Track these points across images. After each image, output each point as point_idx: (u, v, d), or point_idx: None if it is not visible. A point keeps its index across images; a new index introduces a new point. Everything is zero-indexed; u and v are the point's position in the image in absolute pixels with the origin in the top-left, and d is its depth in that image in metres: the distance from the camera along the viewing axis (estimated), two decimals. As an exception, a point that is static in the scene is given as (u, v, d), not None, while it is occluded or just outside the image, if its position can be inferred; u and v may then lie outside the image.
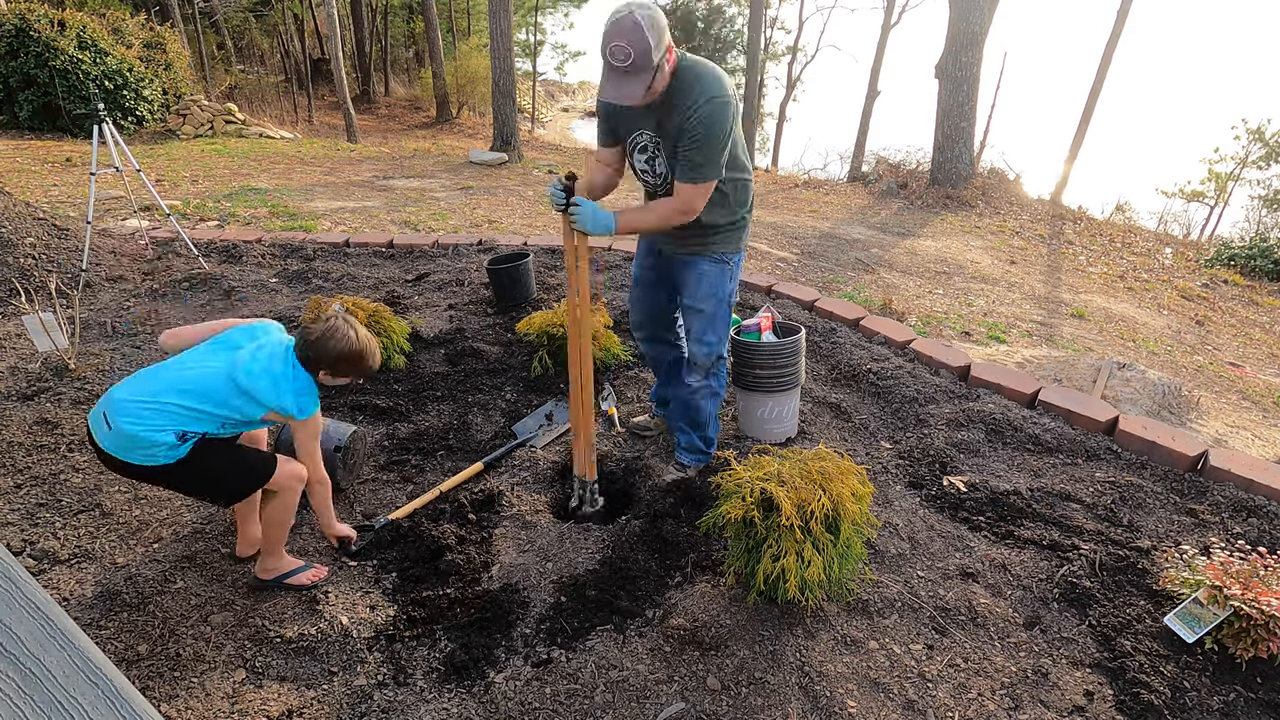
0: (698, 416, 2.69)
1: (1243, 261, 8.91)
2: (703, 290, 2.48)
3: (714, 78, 2.11)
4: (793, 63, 23.81)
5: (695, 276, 2.48)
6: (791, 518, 1.86)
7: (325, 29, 20.45)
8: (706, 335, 2.54)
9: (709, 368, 2.60)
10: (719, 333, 2.56)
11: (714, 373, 2.63)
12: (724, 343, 2.61)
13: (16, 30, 10.01)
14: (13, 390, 3.17)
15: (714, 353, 2.57)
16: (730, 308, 2.59)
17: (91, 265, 4.53)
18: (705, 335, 2.54)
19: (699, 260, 2.46)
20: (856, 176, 14.97)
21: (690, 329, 2.60)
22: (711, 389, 2.65)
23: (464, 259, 5.28)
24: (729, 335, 2.67)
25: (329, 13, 15.02)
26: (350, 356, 1.96)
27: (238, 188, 7.75)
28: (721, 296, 2.50)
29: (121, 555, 2.22)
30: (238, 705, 1.73)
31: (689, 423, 2.72)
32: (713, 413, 2.72)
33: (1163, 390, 3.55)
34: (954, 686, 1.85)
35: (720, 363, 2.63)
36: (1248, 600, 1.82)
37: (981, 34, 10.14)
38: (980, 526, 2.47)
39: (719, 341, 2.57)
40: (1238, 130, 17.21)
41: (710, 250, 2.44)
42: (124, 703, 0.89)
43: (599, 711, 1.75)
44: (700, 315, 2.51)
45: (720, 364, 2.64)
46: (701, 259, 2.46)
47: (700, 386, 2.63)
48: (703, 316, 2.51)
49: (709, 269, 2.46)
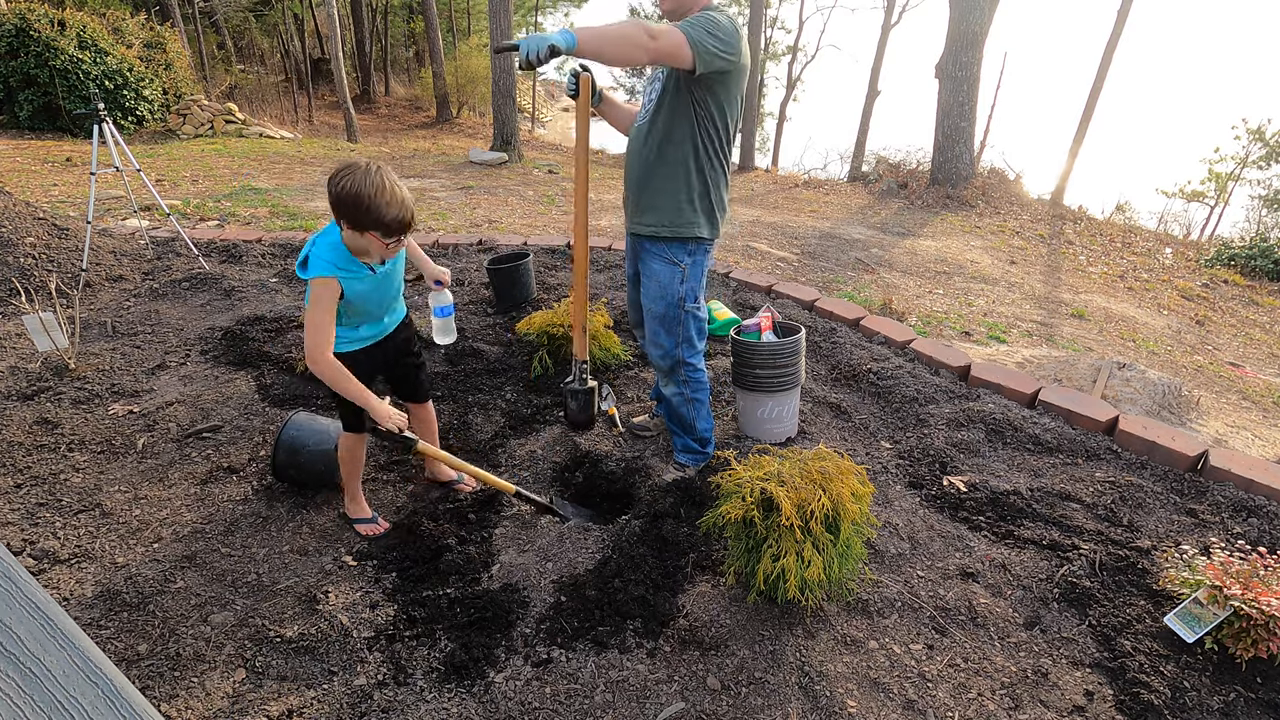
0: (682, 421, 2.68)
1: (1243, 261, 8.90)
2: (652, 290, 2.46)
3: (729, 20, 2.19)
4: (793, 63, 23.82)
5: (648, 274, 2.47)
6: (791, 518, 1.86)
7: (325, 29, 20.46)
8: (658, 338, 2.51)
9: (669, 373, 2.56)
10: (673, 336, 2.49)
11: (681, 379, 2.58)
12: (682, 348, 2.52)
13: (17, 30, 10.01)
14: (13, 390, 3.17)
15: (669, 357, 2.52)
16: (690, 316, 2.49)
17: (91, 265, 4.53)
18: (657, 338, 2.52)
19: (651, 254, 2.44)
20: (856, 176, 14.96)
21: (645, 330, 2.57)
22: (685, 395, 2.60)
23: (464, 259, 5.28)
24: (693, 340, 2.54)
25: (329, 12, 15.01)
26: (350, 199, 1.78)
27: (238, 187, 7.75)
28: (671, 299, 2.44)
29: (121, 555, 2.22)
30: (238, 705, 1.73)
31: (676, 425, 2.73)
32: (696, 415, 2.66)
33: (1163, 390, 3.55)
34: (954, 686, 1.85)
35: (684, 368, 2.56)
36: (1248, 600, 1.82)
37: (981, 34, 10.14)
38: (980, 526, 2.47)
39: (674, 346, 2.51)
40: (1238, 130, 17.22)
41: (662, 231, 2.38)
42: (124, 702, 0.89)
43: (599, 711, 1.75)
44: (650, 315, 2.49)
45: (684, 369, 2.56)
46: (654, 256, 2.43)
47: (674, 393, 2.61)
48: (652, 317, 2.49)
49: (660, 269, 2.44)
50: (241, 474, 2.65)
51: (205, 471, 2.65)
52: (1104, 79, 12.70)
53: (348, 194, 1.78)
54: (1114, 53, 12.54)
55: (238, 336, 3.77)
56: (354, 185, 1.78)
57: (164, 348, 3.69)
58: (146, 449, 2.80)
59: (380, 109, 22.21)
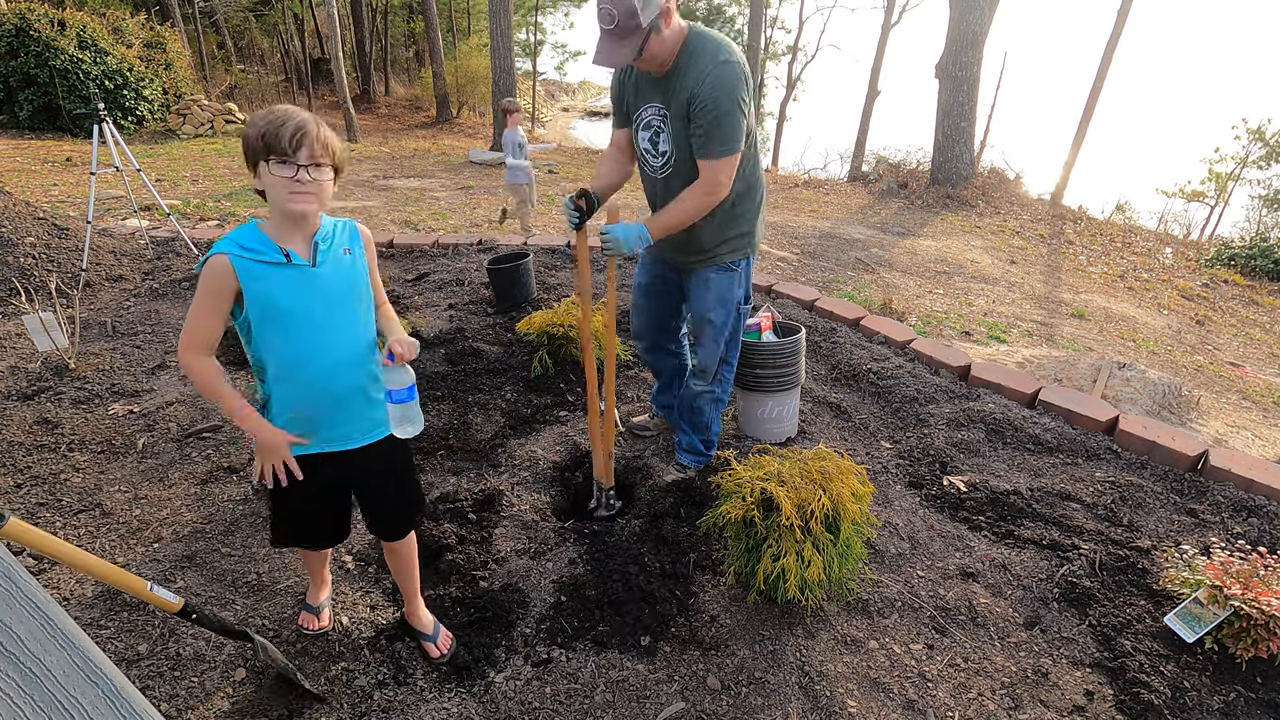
0: (699, 419, 2.67)
1: (1243, 261, 8.91)
2: (710, 300, 2.44)
3: (723, 42, 2.06)
4: (793, 62, 23.81)
5: (702, 285, 2.45)
6: (791, 517, 1.86)
7: (325, 28, 20.46)
8: (712, 343, 2.51)
9: (711, 373, 2.58)
10: (726, 340, 2.51)
11: (719, 379, 2.60)
12: (730, 348, 2.56)
13: (17, 30, 10.02)
14: (13, 390, 3.17)
15: (719, 359, 2.54)
16: (741, 315, 2.52)
17: (91, 265, 4.53)
18: (711, 343, 2.51)
19: (706, 269, 2.43)
20: (857, 176, 14.97)
21: (697, 337, 2.56)
22: (715, 395, 2.63)
23: (464, 259, 5.28)
24: (739, 339, 2.61)
25: (329, 12, 15.00)
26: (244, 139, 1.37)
27: (238, 187, 7.75)
28: (730, 304, 2.45)
29: (121, 555, 2.22)
30: (238, 705, 1.73)
31: (690, 424, 2.71)
32: (715, 417, 2.69)
33: (1163, 390, 3.55)
34: (954, 686, 1.85)
35: (724, 367, 2.60)
36: (1248, 600, 1.82)
37: (981, 34, 10.14)
38: (980, 526, 2.47)
39: (726, 349, 2.54)
40: (1238, 130, 17.21)
41: (717, 259, 2.40)
42: (124, 702, 0.89)
43: (599, 711, 1.75)
44: (708, 324, 2.48)
45: (724, 368, 2.60)
46: (708, 268, 2.43)
47: (703, 391, 2.61)
48: (710, 326, 2.48)
49: (716, 276, 2.42)
50: (241, 474, 2.65)
51: (205, 471, 2.65)
52: (1104, 79, 12.70)
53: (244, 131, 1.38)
54: (1114, 53, 12.54)
55: (238, 336, 3.76)
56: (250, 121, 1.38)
57: (164, 348, 3.69)
58: (146, 449, 2.80)
59: (380, 109, 22.22)
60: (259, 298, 1.41)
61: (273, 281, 1.41)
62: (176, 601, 1.47)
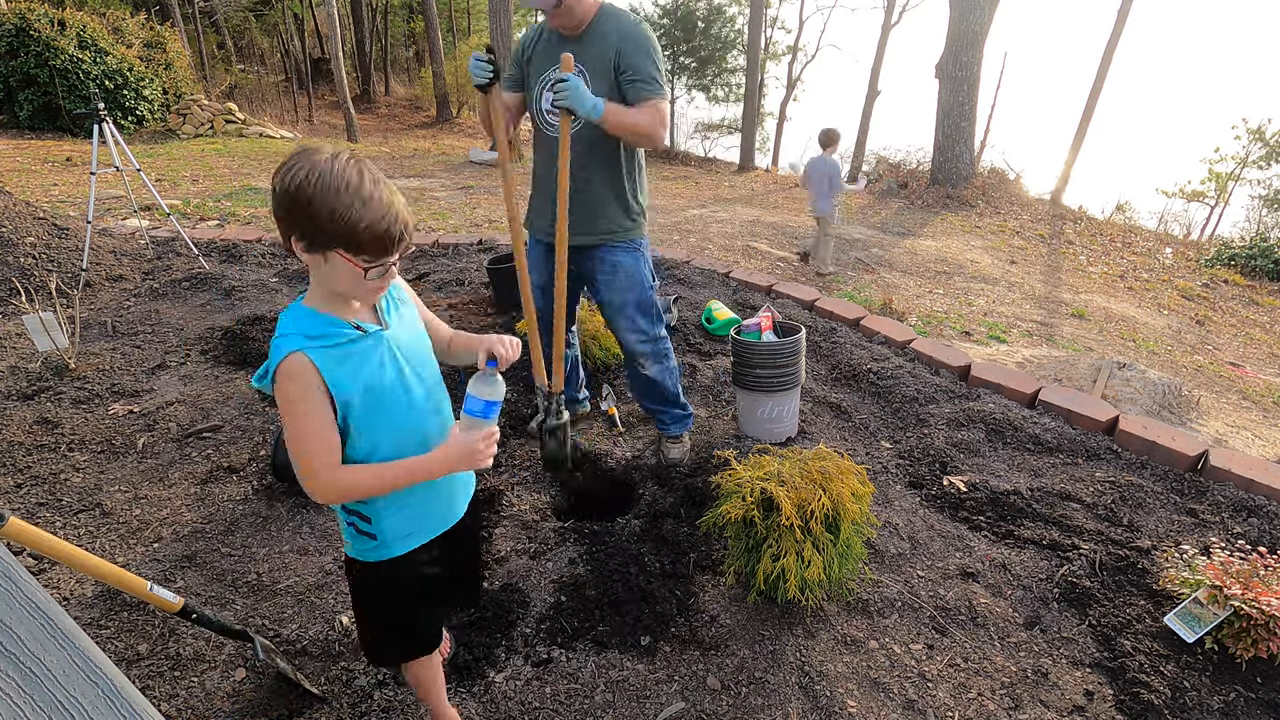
0: (665, 396, 2.73)
1: (1243, 261, 8.91)
2: (621, 282, 2.47)
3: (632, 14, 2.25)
4: (793, 62, 23.82)
5: (610, 270, 2.46)
6: (791, 517, 1.86)
7: (325, 28, 20.46)
8: (637, 324, 2.54)
9: (652, 354, 2.61)
10: (648, 316, 2.55)
11: (661, 354, 2.65)
12: (657, 325, 2.59)
13: (16, 30, 10.01)
14: (13, 390, 3.17)
15: (650, 338, 2.58)
16: (652, 289, 2.55)
17: (91, 265, 4.53)
18: (635, 324, 2.54)
19: (609, 251, 2.44)
20: (857, 176, 14.96)
21: (619, 324, 2.56)
22: (666, 368, 2.68)
23: (464, 258, 5.28)
24: (661, 314, 2.64)
25: (329, 12, 15.00)
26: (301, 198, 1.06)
27: (238, 187, 7.75)
28: (643, 282, 2.50)
29: (121, 555, 2.22)
30: (238, 705, 1.73)
31: (660, 401, 2.76)
32: (675, 381, 2.75)
33: (1163, 390, 3.55)
34: (954, 686, 1.85)
35: (661, 342, 2.64)
36: (1248, 600, 1.82)
37: (981, 34, 10.14)
38: (980, 526, 2.47)
39: (652, 325, 2.57)
40: (1238, 130, 17.23)
41: (616, 239, 2.43)
42: (124, 702, 0.89)
43: (599, 711, 1.75)
44: (625, 306, 2.51)
45: (661, 343, 2.64)
46: (612, 252, 2.44)
47: (657, 374, 2.66)
48: (628, 306, 2.51)
49: (624, 260, 2.45)
50: (241, 474, 2.65)
51: (205, 471, 2.65)
52: (1104, 79, 12.71)
53: (298, 191, 1.05)
54: (1114, 53, 12.54)
55: (238, 336, 3.77)
56: (308, 176, 1.05)
57: (164, 347, 3.69)
58: (146, 449, 2.80)
59: (380, 109, 22.22)
60: (350, 384, 1.17)
61: (357, 361, 1.19)
62: (176, 601, 1.48)
